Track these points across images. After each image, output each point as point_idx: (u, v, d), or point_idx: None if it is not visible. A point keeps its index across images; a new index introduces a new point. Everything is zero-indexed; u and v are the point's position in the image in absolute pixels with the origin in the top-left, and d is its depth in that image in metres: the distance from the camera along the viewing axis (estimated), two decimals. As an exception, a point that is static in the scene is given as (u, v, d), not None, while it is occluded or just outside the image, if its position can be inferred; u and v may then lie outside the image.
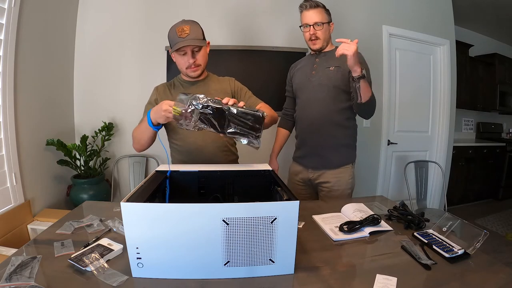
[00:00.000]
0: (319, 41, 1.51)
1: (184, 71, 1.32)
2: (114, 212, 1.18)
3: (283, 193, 0.89)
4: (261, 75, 2.43)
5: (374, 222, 1.06)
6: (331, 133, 1.53)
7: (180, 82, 1.40)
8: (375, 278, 0.78)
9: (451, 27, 3.02)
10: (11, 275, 0.72)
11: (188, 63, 1.27)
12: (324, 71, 1.52)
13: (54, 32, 2.10)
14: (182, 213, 0.73)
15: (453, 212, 2.74)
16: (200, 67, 1.31)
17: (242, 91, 1.43)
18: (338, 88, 1.49)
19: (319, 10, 1.47)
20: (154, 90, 1.40)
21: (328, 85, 1.50)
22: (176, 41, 1.23)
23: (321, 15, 1.47)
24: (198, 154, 1.34)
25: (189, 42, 1.21)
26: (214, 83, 1.41)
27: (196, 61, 1.28)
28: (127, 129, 2.42)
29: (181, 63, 1.30)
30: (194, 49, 1.26)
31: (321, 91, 1.51)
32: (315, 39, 1.50)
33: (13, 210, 1.70)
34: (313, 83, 1.54)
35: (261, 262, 0.78)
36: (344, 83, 1.47)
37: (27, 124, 1.84)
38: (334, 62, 1.49)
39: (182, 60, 1.28)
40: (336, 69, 1.48)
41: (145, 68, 2.38)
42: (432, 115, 3.08)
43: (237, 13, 2.41)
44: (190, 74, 1.32)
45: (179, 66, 1.32)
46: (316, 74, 1.54)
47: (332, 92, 1.49)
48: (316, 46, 1.52)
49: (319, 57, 1.57)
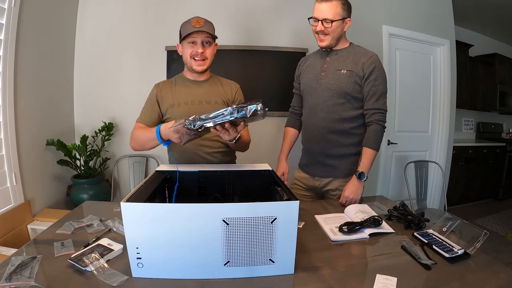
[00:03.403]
0: (327, 38, 1.37)
1: (189, 61, 1.30)
2: (114, 212, 1.18)
3: (283, 193, 0.89)
4: (262, 76, 2.43)
5: (375, 224, 1.06)
6: (339, 142, 1.43)
7: (183, 79, 1.39)
8: (375, 278, 0.78)
9: (451, 27, 3.02)
10: (11, 275, 0.72)
11: (196, 52, 1.27)
12: (335, 74, 1.40)
13: (54, 32, 2.10)
14: (182, 213, 0.73)
15: (453, 212, 2.74)
16: (206, 62, 1.30)
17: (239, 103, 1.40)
18: (348, 95, 1.38)
19: (333, 4, 1.31)
20: (155, 86, 1.39)
21: (337, 90, 1.38)
22: (190, 30, 1.23)
23: (333, 10, 1.31)
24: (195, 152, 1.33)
25: (203, 29, 1.23)
26: (217, 85, 1.39)
27: (204, 52, 1.28)
28: (127, 129, 2.42)
29: (187, 52, 1.29)
30: (205, 41, 1.27)
31: (330, 97, 1.40)
32: (322, 35, 1.37)
33: (13, 210, 1.70)
34: (321, 86, 1.43)
35: (261, 262, 0.78)
36: (356, 90, 1.37)
37: (27, 124, 1.84)
38: (346, 65, 1.38)
39: (190, 49, 1.28)
40: (349, 74, 1.37)
41: (145, 68, 2.38)
42: (432, 115, 3.07)
43: (238, 14, 2.41)
44: (194, 66, 1.31)
45: (185, 56, 1.31)
46: (325, 76, 1.42)
47: (342, 98, 1.39)
48: (323, 43, 1.39)
49: (330, 56, 1.44)
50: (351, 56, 1.39)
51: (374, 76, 1.35)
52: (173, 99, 1.33)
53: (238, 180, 1.13)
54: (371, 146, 1.37)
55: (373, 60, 1.36)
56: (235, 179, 1.13)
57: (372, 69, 1.35)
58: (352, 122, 1.42)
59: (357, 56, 1.38)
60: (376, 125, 1.37)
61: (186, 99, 1.33)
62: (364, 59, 1.36)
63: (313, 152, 1.52)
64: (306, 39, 2.42)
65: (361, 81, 1.37)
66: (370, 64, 1.35)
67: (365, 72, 1.35)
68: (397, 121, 2.91)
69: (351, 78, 1.37)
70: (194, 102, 1.33)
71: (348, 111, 1.40)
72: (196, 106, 1.32)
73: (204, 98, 1.34)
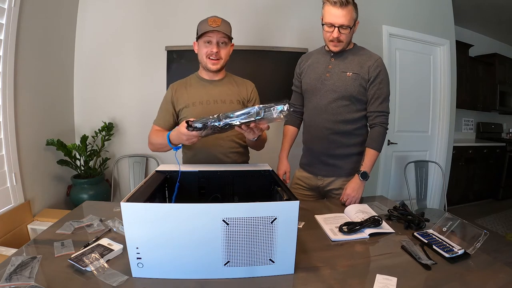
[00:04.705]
0: (341, 45, 1.35)
1: (204, 60, 1.31)
2: (114, 212, 1.18)
3: (283, 193, 0.89)
4: (262, 76, 2.43)
5: (375, 224, 1.06)
6: (342, 142, 1.44)
7: (198, 79, 1.39)
8: (375, 278, 0.78)
9: (451, 27, 3.02)
10: (11, 275, 0.72)
11: (211, 51, 1.27)
12: (340, 76, 1.39)
13: (54, 32, 2.10)
14: (182, 213, 0.73)
15: (453, 212, 2.74)
16: (220, 61, 1.31)
17: (254, 103, 1.40)
18: (353, 97, 1.38)
19: (349, 10, 1.27)
20: (170, 87, 1.40)
21: (343, 92, 1.38)
22: (206, 29, 1.24)
23: (350, 16, 1.28)
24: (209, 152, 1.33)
25: (219, 28, 1.23)
26: (232, 84, 1.39)
27: (219, 52, 1.28)
28: (127, 129, 2.42)
29: (203, 51, 1.29)
30: (220, 41, 1.27)
31: (335, 99, 1.40)
32: (337, 41, 1.34)
33: (13, 210, 1.70)
34: (326, 87, 1.42)
35: (261, 262, 0.78)
36: (361, 93, 1.38)
37: (27, 124, 1.84)
38: (352, 67, 1.38)
39: (205, 48, 1.28)
40: (354, 76, 1.37)
41: (145, 68, 2.38)
42: (432, 115, 3.07)
43: (238, 14, 2.41)
44: (209, 65, 1.31)
45: (200, 55, 1.32)
46: (330, 78, 1.41)
47: (346, 100, 1.39)
48: (337, 48, 1.37)
49: (335, 57, 1.42)
50: (357, 59, 1.39)
51: (379, 79, 1.37)
52: (188, 99, 1.33)
53: (238, 180, 1.13)
54: (374, 147, 1.39)
55: (379, 63, 1.38)
56: (235, 179, 1.13)
57: (377, 73, 1.36)
58: (355, 124, 1.43)
59: (362, 59, 1.39)
60: (380, 128, 1.40)
61: (201, 98, 1.33)
62: (370, 63, 1.37)
63: (316, 152, 1.52)
64: (307, 39, 2.43)
65: (366, 84, 1.38)
66: (376, 67, 1.36)
67: (371, 76, 1.37)
68: (397, 121, 2.91)
69: (356, 81, 1.37)
70: (209, 102, 1.33)
71: (352, 113, 1.41)
72: (211, 106, 1.32)
73: (219, 98, 1.34)
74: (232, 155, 1.37)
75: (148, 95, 2.34)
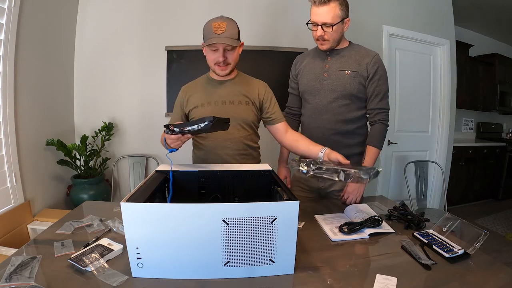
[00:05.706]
0: (328, 43, 1.35)
1: (213, 67, 1.30)
2: (114, 212, 1.18)
3: (283, 193, 0.89)
4: (262, 76, 2.41)
5: (375, 224, 1.06)
6: (344, 142, 1.43)
7: (208, 79, 1.38)
8: (375, 278, 0.78)
9: (451, 27, 3.02)
10: (11, 275, 0.72)
11: (218, 60, 1.26)
12: (338, 75, 1.38)
13: (54, 32, 2.10)
14: (182, 213, 0.73)
15: (453, 212, 2.74)
16: (229, 66, 1.29)
17: (271, 102, 1.38)
18: (353, 96, 1.38)
19: (331, 7, 1.26)
20: (181, 90, 1.40)
21: (342, 91, 1.37)
22: (210, 36, 1.21)
23: (332, 13, 1.27)
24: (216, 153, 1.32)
25: (222, 40, 1.19)
26: (243, 84, 1.37)
27: (226, 59, 1.26)
28: (127, 129, 2.42)
29: (210, 59, 1.28)
30: (227, 48, 1.25)
31: (335, 98, 1.39)
32: (322, 40, 1.35)
33: (13, 210, 1.70)
34: (325, 87, 1.40)
35: (261, 262, 0.78)
36: (360, 91, 1.37)
37: (27, 124, 1.84)
38: (349, 65, 1.37)
39: (212, 55, 1.27)
40: (353, 75, 1.36)
41: (145, 68, 2.38)
42: (432, 115, 3.07)
43: (238, 14, 2.40)
44: (217, 71, 1.30)
45: (209, 61, 1.31)
46: (328, 77, 1.40)
47: (346, 99, 1.38)
48: (324, 47, 1.37)
49: (332, 56, 1.41)
50: (353, 56, 1.38)
51: (378, 76, 1.36)
52: (198, 100, 1.33)
53: (238, 180, 1.13)
54: (376, 145, 1.38)
55: (376, 60, 1.36)
56: (235, 179, 1.13)
57: (376, 69, 1.35)
58: (356, 123, 1.43)
59: (359, 56, 1.37)
60: (380, 125, 1.39)
61: (210, 99, 1.33)
62: (368, 60, 1.36)
63: None
64: (306, 39, 2.42)
65: (365, 82, 1.37)
66: (374, 64, 1.35)
67: (369, 73, 1.36)
68: (397, 121, 2.91)
69: (355, 79, 1.36)
70: (218, 103, 1.32)
71: (352, 112, 1.41)
72: (220, 107, 1.32)
73: (227, 99, 1.33)
74: (240, 158, 1.34)
75: (148, 95, 2.35)
